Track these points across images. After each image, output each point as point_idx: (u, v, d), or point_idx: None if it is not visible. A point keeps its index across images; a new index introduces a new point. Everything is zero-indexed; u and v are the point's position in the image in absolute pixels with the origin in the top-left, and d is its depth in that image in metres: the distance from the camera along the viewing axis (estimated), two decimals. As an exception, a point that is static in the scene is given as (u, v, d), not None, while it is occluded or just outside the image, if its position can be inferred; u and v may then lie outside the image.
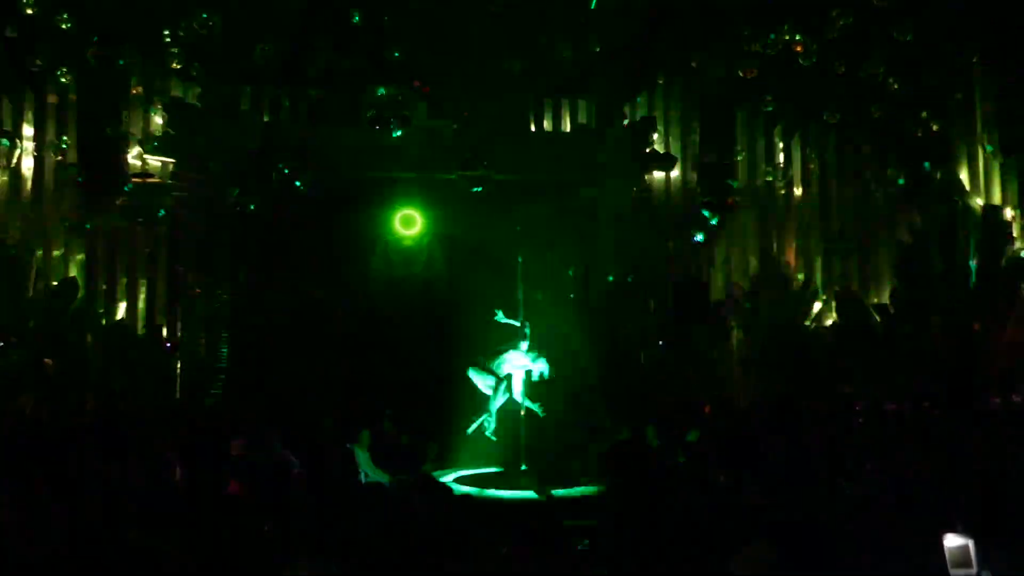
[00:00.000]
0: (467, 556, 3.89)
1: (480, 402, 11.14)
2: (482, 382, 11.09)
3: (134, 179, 13.37)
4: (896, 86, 12.24)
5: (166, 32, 11.85)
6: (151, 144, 13.89)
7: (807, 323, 14.99)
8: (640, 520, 4.11)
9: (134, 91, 14.10)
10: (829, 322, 15.34)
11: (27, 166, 13.76)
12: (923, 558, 3.85)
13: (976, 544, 3.62)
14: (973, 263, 13.96)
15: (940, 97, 13.98)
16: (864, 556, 4.37)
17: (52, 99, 13.96)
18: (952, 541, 3.63)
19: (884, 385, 13.22)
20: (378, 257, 13.77)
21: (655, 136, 15.42)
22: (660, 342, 15.08)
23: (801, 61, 11.72)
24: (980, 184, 15.32)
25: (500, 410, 11.03)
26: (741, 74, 11.88)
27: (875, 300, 15.43)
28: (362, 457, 9.58)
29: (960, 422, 9.07)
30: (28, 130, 13.80)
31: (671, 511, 4.72)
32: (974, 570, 3.58)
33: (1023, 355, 13.28)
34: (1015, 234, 14.95)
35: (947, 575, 3.56)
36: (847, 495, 6.35)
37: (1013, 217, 15.19)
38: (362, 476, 9.39)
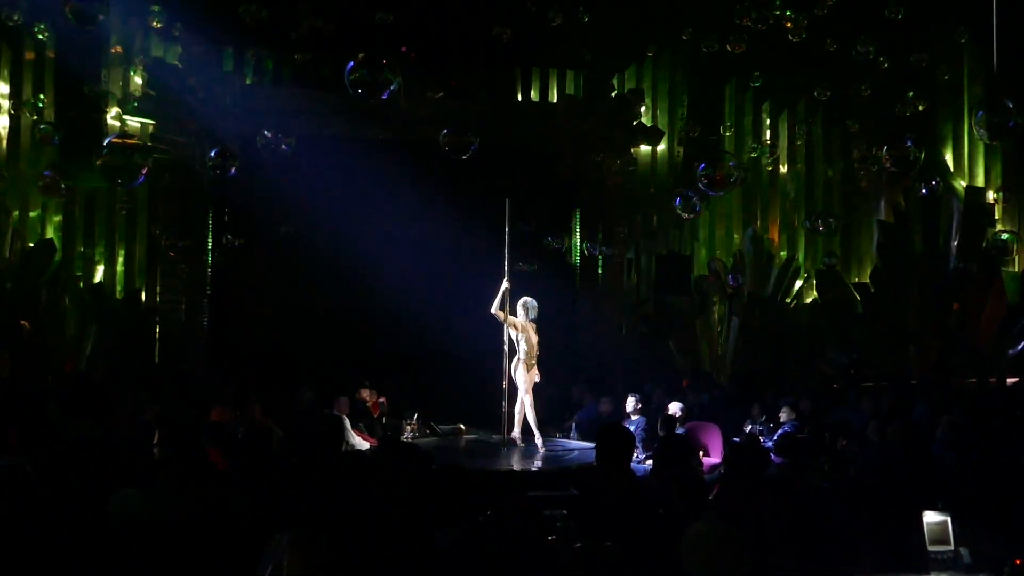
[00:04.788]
0: (448, 523, 3.87)
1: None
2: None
3: (113, 140, 13.10)
4: (886, 65, 12.19)
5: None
6: (131, 104, 13.65)
7: (788, 300, 15.07)
8: (623, 492, 4.11)
9: (114, 50, 13.81)
10: (809, 300, 15.43)
11: (3, 124, 13.48)
12: (902, 535, 3.88)
13: (954, 521, 3.65)
14: (954, 244, 14.07)
15: (929, 77, 13.98)
16: (843, 534, 4.41)
17: (29, 56, 13.65)
18: (931, 518, 3.66)
19: (863, 363, 13.35)
20: None
21: (642, 109, 15.33)
22: (642, 315, 15.14)
23: (791, 37, 11.63)
24: (964, 166, 15.40)
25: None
26: (730, 48, 11.78)
27: (856, 279, 15.52)
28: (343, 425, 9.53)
29: (938, 400, 9.18)
30: (4, 87, 13.50)
31: (657, 484, 4.74)
32: (952, 547, 3.61)
33: (999, 336, 13.46)
34: (996, 216, 15.07)
35: (926, 552, 3.58)
36: (825, 471, 6.40)
37: (995, 199, 15.30)
38: (343, 445, 9.34)
